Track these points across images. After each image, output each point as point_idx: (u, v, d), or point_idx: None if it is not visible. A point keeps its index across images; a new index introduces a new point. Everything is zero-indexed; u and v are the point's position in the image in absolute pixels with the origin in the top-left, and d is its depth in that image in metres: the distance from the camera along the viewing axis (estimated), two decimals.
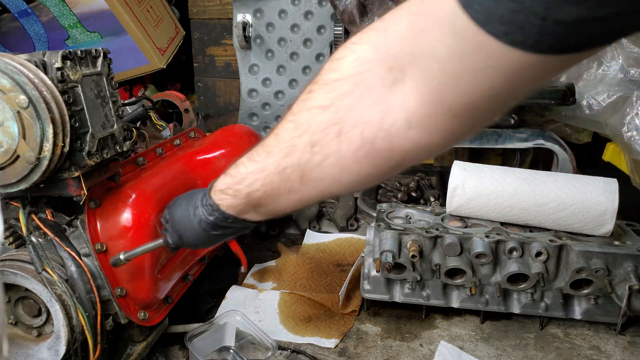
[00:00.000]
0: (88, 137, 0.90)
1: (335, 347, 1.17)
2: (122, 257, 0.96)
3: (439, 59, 0.54)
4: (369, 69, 0.62)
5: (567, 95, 1.49)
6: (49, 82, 0.82)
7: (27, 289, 0.93)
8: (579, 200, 1.15)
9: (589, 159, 1.70)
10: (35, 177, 0.84)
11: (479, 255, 1.16)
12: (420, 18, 0.56)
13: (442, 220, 1.27)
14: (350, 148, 0.66)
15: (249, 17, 1.96)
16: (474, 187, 1.20)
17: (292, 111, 0.70)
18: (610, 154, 1.53)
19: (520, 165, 1.87)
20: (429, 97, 0.58)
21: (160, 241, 0.94)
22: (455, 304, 1.24)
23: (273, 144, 0.73)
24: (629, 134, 1.35)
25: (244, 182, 0.78)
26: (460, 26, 0.48)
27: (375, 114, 0.63)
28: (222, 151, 1.33)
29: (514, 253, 1.16)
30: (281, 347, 1.16)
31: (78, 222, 0.99)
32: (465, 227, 1.23)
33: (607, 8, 0.40)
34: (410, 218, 1.32)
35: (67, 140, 0.84)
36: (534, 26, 0.43)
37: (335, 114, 0.65)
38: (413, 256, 1.16)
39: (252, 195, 0.78)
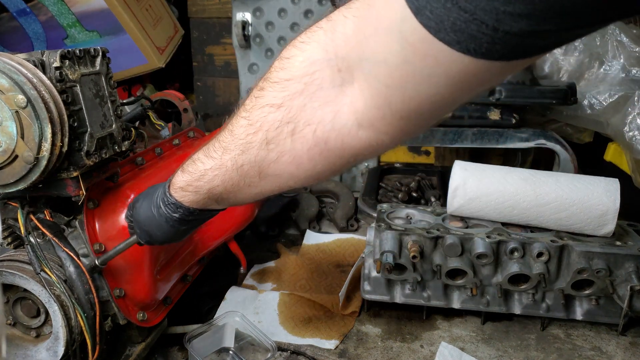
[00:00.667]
0: (87, 137, 0.90)
1: (335, 348, 1.16)
2: (97, 262, 0.95)
3: (386, 64, 0.55)
4: (319, 69, 0.63)
5: (569, 94, 1.49)
6: (47, 81, 0.82)
7: (25, 290, 0.93)
8: (581, 200, 1.15)
9: (591, 158, 1.70)
10: (34, 177, 0.83)
11: (480, 256, 1.16)
12: (366, 23, 0.57)
13: (443, 220, 1.26)
14: (304, 146, 0.67)
15: (248, 16, 1.95)
16: (475, 187, 1.20)
17: (245, 107, 0.71)
18: (611, 153, 1.53)
19: (522, 165, 1.87)
20: (376, 101, 0.59)
21: (132, 239, 0.94)
22: (456, 304, 1.23)
23: (228, 140, 0.74)
24: (631, 133, 1.35)
25: (203, 178, 0.79)
26: (409, 33, 0.49)
27: (327, 114, 0.64)
28: None
29: (515, 253, 1.16)
30: (281, 348, 1.15)
31: (77, 223, 0.98)
32: (466, 228, 1.23)
33: (551, 23, 0.42)
34: (410, 218, 1.31)
35: (66, 140, 0.84)
36: (486, 36, 0.44)
37: (288, 113, 0.66)
38: (414, 257, 1.15)
39: (213, 191, 0.79)
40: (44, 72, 0.83)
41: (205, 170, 0.78)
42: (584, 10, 0.42)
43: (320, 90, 0.63)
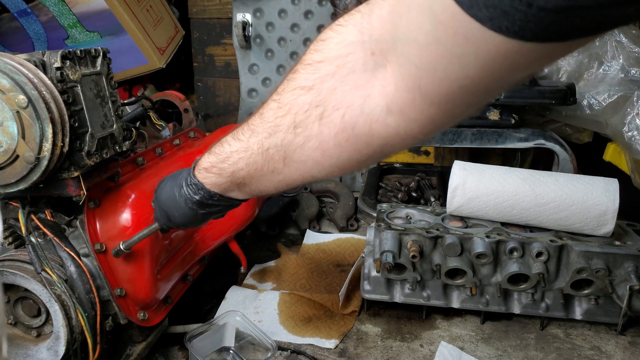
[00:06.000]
0: (87, 137, 0.90)
1: (335, 348, 1.17)
2: (122, 246, 0.96)
3: (417, 43, 0.53)
4: (352, 51, 0.62)
5: (568, 95, 1.49)
6: (48, 81, 0.82)
7: (26, 289, 0.93)
8: (580, 200, 1.15)
9: (590, 159, 1.70)
10: (35, 177, 0.83)
11: (479, 256, 1.16)
12: (400, 2, 0.55)
13: (443, 220, 1.27)
14: (331, 131, 0.66)
15: (248, 17, 1.96)
16: (474, 187, 1.20)
17: (277, 91, 0.70)
18: (610, 153, 1.53)
19: (521, 165, 1.87)
20: (407, 84, 0.57)
21: (155, 225, 0.95)
22: (455, 304, 1.23)
23: (257, 123, 0.73)
24: (630, 133, 1.35)
25: (228, 160, 0.78)
26: (440, 10, 0.47)
27: (356, 98, 0.63)
28: None
29: (515, 253, 1.16)
30: (281, 347, 1.16)
31: (77, 222, 0.99)
32: (466, 227, 1.23)
33: None
34: (410, 218, 1.32)
35: (67, 140, 0.84)
36: (519, 12, 0.42)
37: (317, 96, 0.65)
38: (413, 256, 1.15)
39: (236, 175, 0.78)
40: (45, 72, 0.83)
41: (231, 152, 0.77)
42: None
43: (352, 74, 0.62)
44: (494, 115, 1.57)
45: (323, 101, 0.65)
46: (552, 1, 0.40)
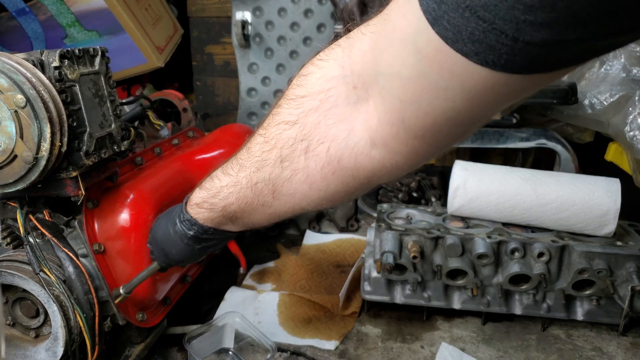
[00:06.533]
0: (86, 137, 0.89)
1: (335, 349, 1.16)
2: (122, 291, 0.96)
3: (400, 77, 0.53)
4: (334, 86, 0.62)
5: (569, 94, 1.49)
6: (46, 81, 0.81)
7: (24, 290, 0.92)
8: (581, 200, 1.14)
9: (591, 158, 1.70)
10: (33, 177, 0.83)
11: (480, 256, 1.16)
12: (382, 36, 0.55)
13: (444, 220, 1.26)
14: (317, 164, 0.66)
15: (248, 15, 1.95)
16: (475, 187, 1.19)
17: (263, 125, 0.71)
18: (612, 153, 1.53)
19: (522, 165, 1.87)
20: (390, 117, 0.57)
21: (154, 265, 0.96)
22: (456, 305, 1.23)
23: (245, 158, 0.74)
24: (632, 133, 1.34)
25: (219, 195, 0.79)
26: (425, 44, 0.47)
27: (340, 132, 0.63)
28: (221, 151, 1.32)
29: (516, 254, 1.16)
30: (281, 348, 1.15)
31: (76, 223, 0.98)
32: (467, 228, 1.22)
33: (575, 32, 0.40)
34: (411, 218, 1.31)
35: (65, 139, 0.83)
36: (505, 46, 0.42)
37: (302, 130, 0.66)
38: (414, 257, 1.15)
39: (228, 209, 0.79)
40: (43, 71, 0.82)
41: (221, 187, 0.78)
42: (610, 17, 0.39)
43: (335, 108, 0.62)
44: (495, 115, 1.57)
45: (308, 135, 0.65)
46: (538, 35, 0.40)
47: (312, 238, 1.64)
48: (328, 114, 0.63)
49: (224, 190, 0.78)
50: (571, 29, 0.40)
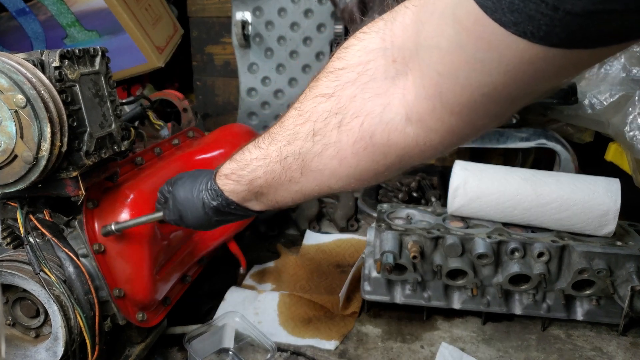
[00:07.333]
0: (86, 137, 0.89)
1: (335, 349, 1.16)
2: (113, 227, 0.95)
3: (439, 49, 0.52)
4: (373, 59, 0.61)
5: (569, 94, 1.49)
6: (46, 81, 0.81)
7: (24, 290, 0.92)
8: (581, 200, 1.14)
9: (591, 158, 1.70)
10: (33, 177, 0.83)
11: (480, 256, 1.16)
12: (424, 9, 0.54)
13: (444, 220, 1.26)
14: (349, 139, 0.65)
15: (248, 15, 1.95)
16: (475, 187, 1.19)
17: (299, 99, 0.70)
18: (612, 153, 1.53)
19: (522, 165, 1.87)
20: (427, 92, 0.56)
21: (158, 214, 0.93)
22: (456, 305, 1.23)
23: (277, 131, 0.73)
24: (632, 133, 1.34)
25: (247, 168, 0.77)
26: (464, 15, 0.46)
27: (376, 107, 0.62)
28: (221, 151, 1.32)
29: (516, 254, 1.16)
30: (281, 348, 1.15)
31: (76, 223, 0.98)
32: (467, 228, 1.22)
33: (616, 2, 0.38)
34: (411, 218, 1.31)
35: (65, 139, 0.83)
36: (545, 16, 0.40)
37: (337, 104, 0.64)
38: (414, 257, 1.15)
39: (255, 183, 0.77)
40: (43, 71, 0.82)
41: (250, 160, 0.77)
42: None
43: (372, 81, 0.61)
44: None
45: (342, 108, 0.64)
46: (580, 4, 0.38)
47: (312, 238, 1.64)
48: (365, 87, 0.62)
49: (252, 163, 0.76)
50: None
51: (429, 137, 0.61)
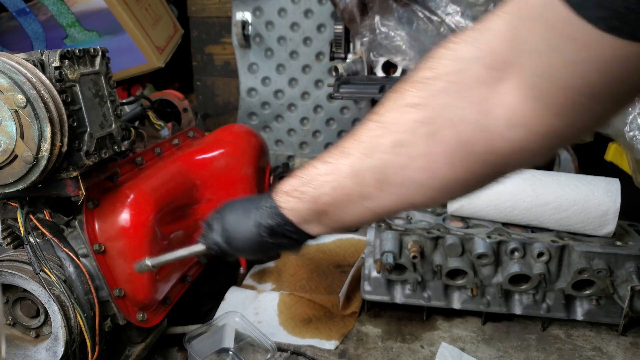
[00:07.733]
0: (86, 137, 0.89)
1: (335, 349, 1.16)
2: (148, 262, 0.89)
3: (537, 54, 0.51)
4: (468, 67, 0.59)
5: None
6: (47, 81, 0.81)
7: (25, 290, 0.92)
8: (581, 200, 1.14)
9: (591, 158, 1.70)
10: (33, 177, 0.83)
11: (480, 256, 1.16)
12: (516, 15, 0.54)
13: (444, 220, 1.26)
14: (443, 149, 0.61)
15: (248, 16, 1.95)
16: None
17: (376, 112, 0.66)
18: (612, 153, 1.53)
19: None
20: (528, 94, 0.54)
21: (200, 248, 0.85)
22: (456, 305, 1.23)
23: (350, 145, 0.68)
24: (631, 133, 1.34)
25: (312, 183, 0.71)
26: (551, 14, 0.46)
27: (472, 114, 0.59)
28: (221, 151, 1.32)
29: (516, 254, 1.16)
30: (281, 348, 1.15)
31: (76, 223, 0.98)
32: (467, 228, 1.22)
33: None
34: (411, 218, 1.31)
35: (65, 140, 0.83)
36: (632, 11, 0.39)
37: (426, 113, 0.61)
38: (414, 257, 1.15)
39: (320, 200, 0.71)
40: (44, 71, 0.82)
41: (316, 175, 0.71)
42: None
43: (467, 89, 0.59)
44: None
45: (433, 119, 0.61)
46: None
47: None
48: (459, 95, 0.59)
49: (318, 179, 0.70)
50: None
51: (532, 140, 0.58)
